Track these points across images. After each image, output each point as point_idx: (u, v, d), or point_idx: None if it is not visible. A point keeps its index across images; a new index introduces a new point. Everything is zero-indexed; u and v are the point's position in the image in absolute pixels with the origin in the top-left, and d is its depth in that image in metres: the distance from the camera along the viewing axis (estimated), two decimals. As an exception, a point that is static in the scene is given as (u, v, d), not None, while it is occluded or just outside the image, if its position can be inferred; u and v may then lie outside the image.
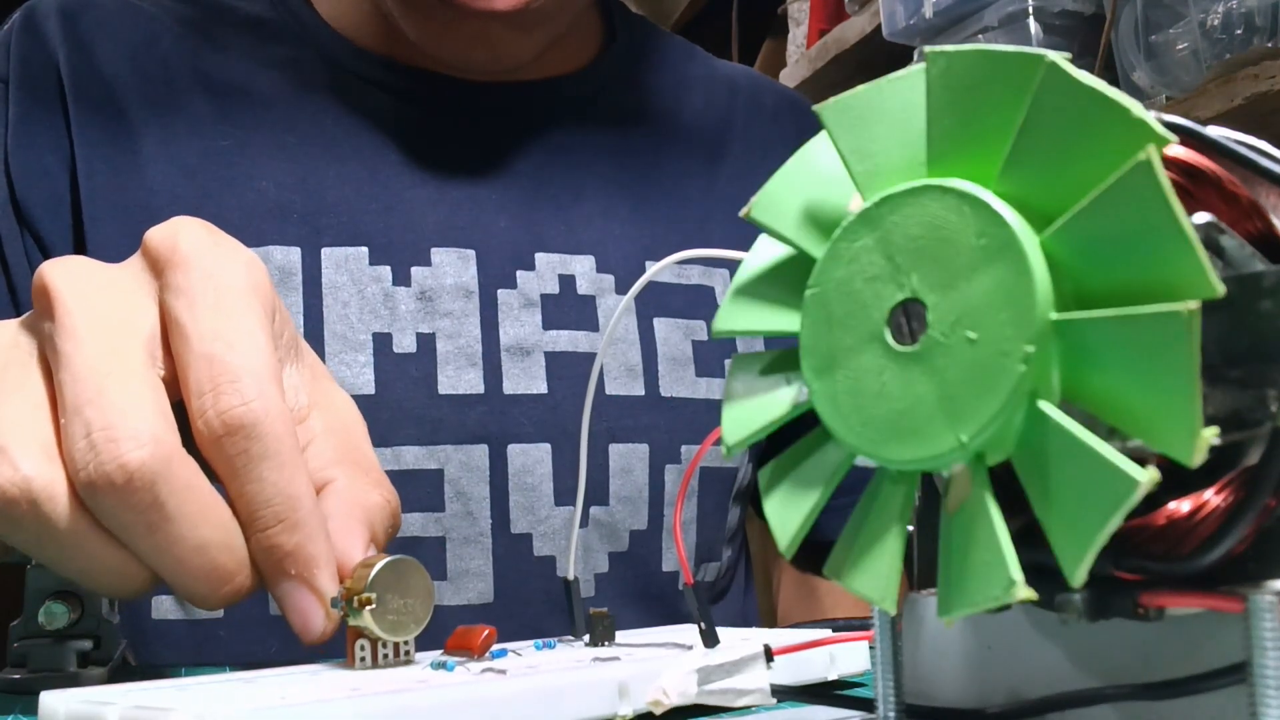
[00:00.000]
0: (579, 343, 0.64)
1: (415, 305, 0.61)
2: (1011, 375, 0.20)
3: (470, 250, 0.63)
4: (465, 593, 0.60)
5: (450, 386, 0.61)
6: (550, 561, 0.62)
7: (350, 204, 0.62)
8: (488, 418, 0.61)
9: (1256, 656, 0.20)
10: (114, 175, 0.62)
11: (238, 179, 0.62)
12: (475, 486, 0.61)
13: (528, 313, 0.63)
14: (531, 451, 0.62)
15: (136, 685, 0.32)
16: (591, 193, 0.68)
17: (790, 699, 0.30)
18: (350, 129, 0.64)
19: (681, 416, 0.65)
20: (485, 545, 0.61)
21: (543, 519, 0.62)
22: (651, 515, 0.64)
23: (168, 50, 0.65)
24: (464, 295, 0.62)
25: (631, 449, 0.64)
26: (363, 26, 0.67)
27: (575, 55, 0.71)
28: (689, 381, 0.66)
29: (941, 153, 0.22)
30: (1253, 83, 0.84)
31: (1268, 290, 0.21)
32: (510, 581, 0.61)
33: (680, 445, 0.65)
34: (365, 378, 0.59)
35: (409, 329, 0.61)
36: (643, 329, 0.65)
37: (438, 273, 0.62)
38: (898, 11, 1.20)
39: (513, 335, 0.62)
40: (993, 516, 0.21)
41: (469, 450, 0.61)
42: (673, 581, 0.66)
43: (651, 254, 0.67)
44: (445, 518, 0.60)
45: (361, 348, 0.60)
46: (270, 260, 0.60)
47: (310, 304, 0.60)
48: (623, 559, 0.64)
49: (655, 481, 0.64)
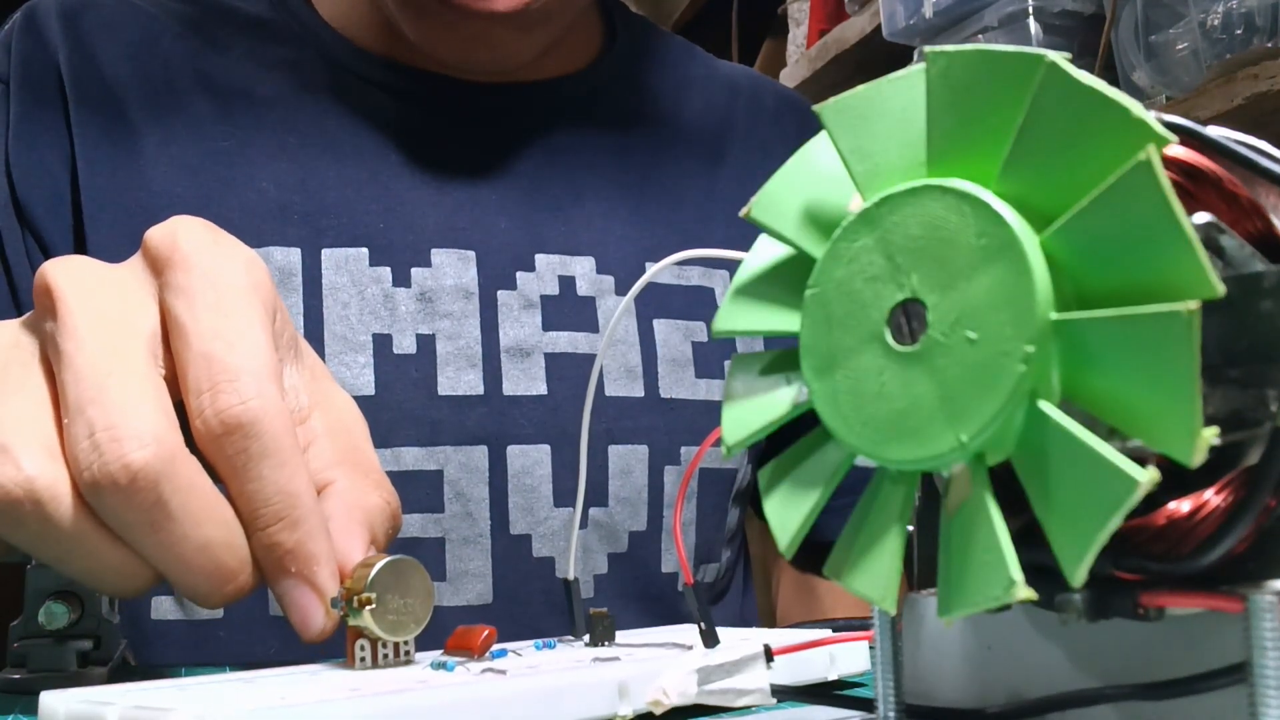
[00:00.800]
0: (579, 344, 0.64)
1: (415, 306, 0.61)
2: (1011, 375, 0.20)
3: (470, 251, 0.63)
4: (464, 593, 0.60)
5: (450, 388, 0.61)
6: (549, 563, 0.62)
7: (351, 205, 0.62)
8: (487, 419, 0.61)
9: (1256, 656, 0.20)
10: (114, 176, 0.62)
11: (238, 179, 0.62)
12: (474, 487, 0.61)
13: (528, 314, 0.63)
14: (531, 452, 0.62)
15: (136, 685, 0.32)
16: (592, 194, 0.68)
17: (790, 699, 0.30)
18: (351, 130, 0.64)
19: (681, 418, 0.65)
20: (484, 546, 0.61)
21: (542, 520, 0.62)
22: (651, 516, 0.64)
23: (169, 51, 0.65)
24: (464, 296, 0.62)
25: (631, 450, 0.64)
26: (364, 27, 0.67)
27: (576, 56, 0.71)
28: (689, 383, 0.66)
29: (941, 153, 0.22)
30: (1253, 83, 0.84)
31: (1268, 290, 0.21)
32: (509, 582, 0.61)
33: (680, 446, 0.65)
34: (365, 379, 0.59)
35: (409, 330, 0.61)
36: (642, 330, 0.65)
37: (438, 274, 0.62)
38: (898, 11, 1.20)
39: (512, 336, 0.62)
40: (993, 516, 0.21)
41: (468, 451, 0.61)
42: (672, 582, 0.66)
43: (652, 255, 0.67)
44: (445, 519, 0.60)
45: (362, 349, 0.60)
46: (271, 261, 0.60)
47: (310, 305, 0.60)
48: (622, 560, 0.64)
49: (654, 483, 0.64)
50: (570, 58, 0.71)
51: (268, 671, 0.35)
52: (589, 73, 0.71)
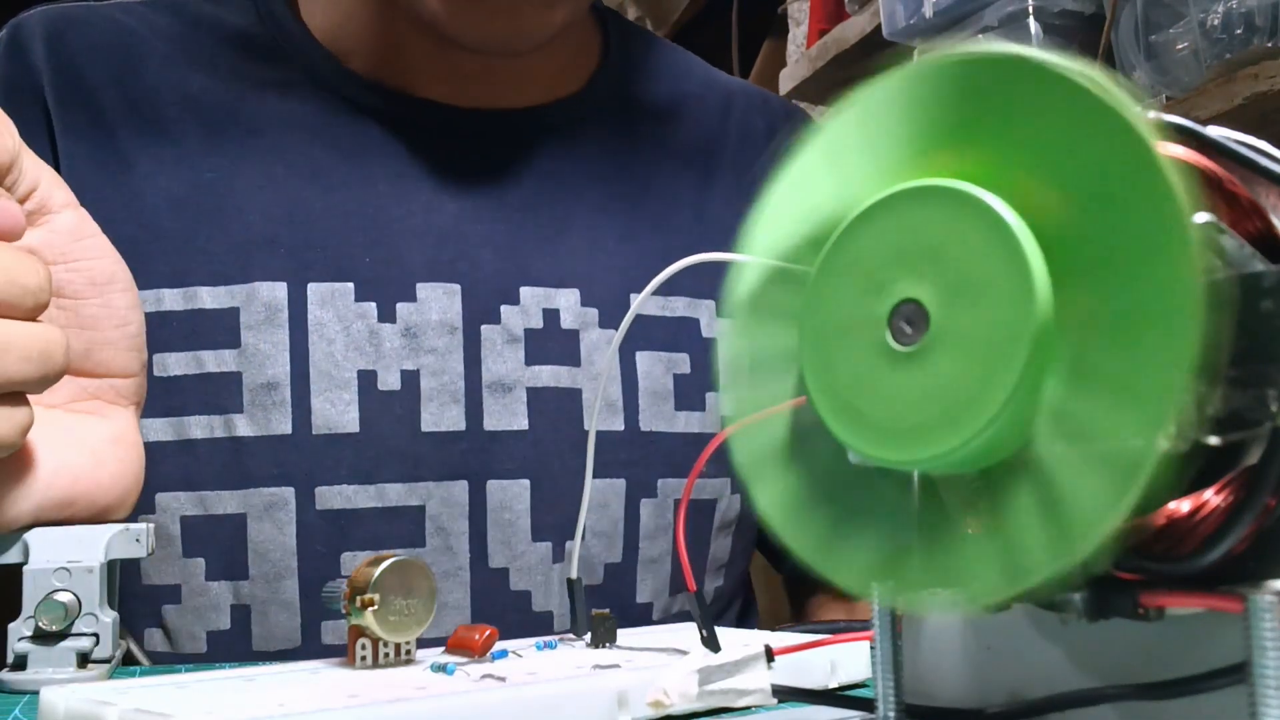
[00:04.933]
0: (560, 378, 0.63)
1: (400, 342, 0.61)
2: (1011, 375, 0.20)
3: (455, 285, 0.63)
4: (443, 625, 0.60)
5: (433, 424, 0.61)
6: (526, 596, 0.62)
7: (338, 236, 0.62)
8: (469, 454, 0.61)
9: (1256, 656, 0.20)
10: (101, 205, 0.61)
11: (227, 210, 0.61)
12: (455, 522, 0.61)
13: (510, 349, 0.63)
14: (510, 487, 0.62)
15: (136, 683, 0.32)
16: (579, 223, 0.67)
17: (791, 699, 0.30)
18: (338, 159, 0.64)
19: (659, 451, 0.65)
20: (464, 579, 0.61)
21: (520, 554, 0.62)
22: (626, 549, 0.64)
23: (156, 76, 0.64)
24: (448, 331, 0.62)
25: (609, 484, 0.64)
26: (354, 44, 0.66)
27: (570, 73, 0.71)
28: (668, 416, 0.66)
29: (941, 153, 0.22)
30: (1253, 83, 0.84)
31: (1268, 290, 0.21)
32: (486, 615, 0.61)
33: (657, 479, 0.65)
34: (350, 416, 0.60)
35: (394, 366, 0.61)
36: (625, 363, 0.65)
37: (423, 308, 0.62)
38: (898, 11, 1.20)
39: (495, 372, 0.62)
40: (990, 517, 0.21)
41: (449, 486, 0.61)
42: (646, 612, 0.66)
43: (637, 286, 0.66)
44: (426, 553, 0.60)
45: (347, 385, 0.60)
46: (257, 297, 0.60)
47: (296, 340, 0.60)
48: (596, 592, 0.64)
49: (631, 515, 0.64)
50: (564, 76, 0.70)
51: (267, 670, 0.35)
52: (580, 97, 0.70)
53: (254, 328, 0.60)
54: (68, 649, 0.41)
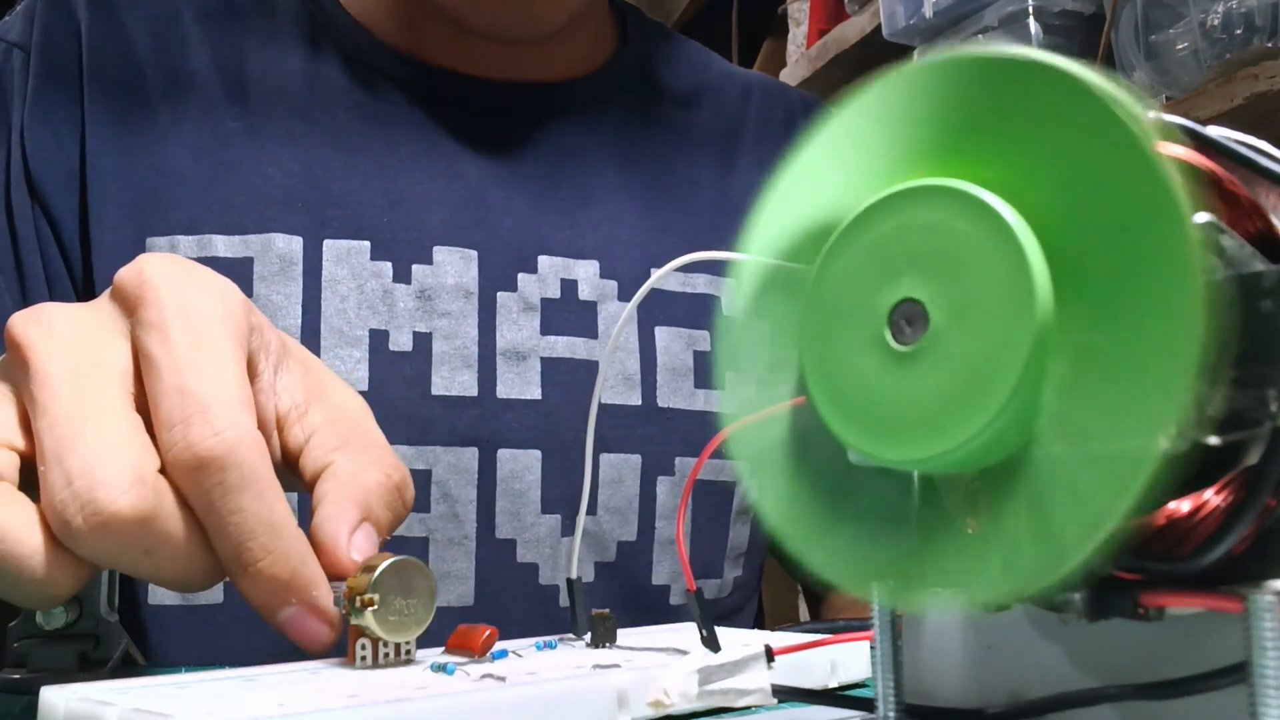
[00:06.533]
0: (577, 349, 0.63)
1: (414, 304, 0.61)
2: (1011, 374, 0.20)
3: (473, 250, 0.63)
4: (445, 594, 0.60)
5: (444, 388, 0.61)
6: (533, 569, 0.62)
7: (356, 196, 0.62)
8: (479, 421, 0.61)
9: (1256, 656, 0.20)
10: (124, 155, 0.61)
11: (246, 163, 0.62)
12: (463, 489, 0.60)
13: (526, 317, 0.63)
14: (521, 457, 0.61)
15: (136, 683, 0.32)
16: (599, 197, 0.67)
17: (791, 699, 0.30)
18: (361, 121, 0.64)
19: (677, 428, 0.65)
20: (469, 549, 0.61)
21: (528, 526, 0.61)
22: (641, 527, 0.64)
23: (188, 28, 0.65)
24: (463, 296, 0.62)
25: (624, 459, 0.63)
26: (384, 18, 0.67)
27: (588, 58, 0.71)
28: (687, 393, 0.66)
29: (941, 153, 0.22)
30: (1253, 83, 0.84)
31: (1268, 290, 0.21)
32: (491, 586, 0.61)
33: (674, 457, 0.65)
34: (359, 374, 0.59)
35: (406, 327, 0.61)
36: (643, 337, 0.65)
37: (439, 271, 0.62)
38: (898, 11, 1.20)
39: (509, 339, 0.62)
40: (987, 516, 0.21)
41: (458, 452, 0.60)
42: (663, 595, 0.65)
43: (657, 261, 0.66)
44: (430, 519, 0.60)
45: (357, 343, 0.60)
46: (272, 248, 0.60)
47: (309, 295, 0.60)
48: (609, 570, 0.63)
49: (646, 493, 0.64)
50: (583, 59, 0.71)
51: (268, 670, 0.35)
52: (601, 75, 0.71)
53: (267, 279, 0.59)
54: (68, 649, 0.41)
